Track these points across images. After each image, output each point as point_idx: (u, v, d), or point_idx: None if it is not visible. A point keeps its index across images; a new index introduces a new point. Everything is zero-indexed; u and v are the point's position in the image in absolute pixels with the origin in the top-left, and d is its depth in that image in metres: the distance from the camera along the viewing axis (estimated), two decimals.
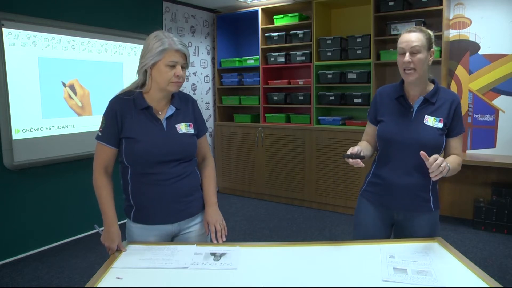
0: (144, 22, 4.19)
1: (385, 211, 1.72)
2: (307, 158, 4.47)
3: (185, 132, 1.60)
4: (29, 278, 2.89)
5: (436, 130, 1.61)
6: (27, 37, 3.17)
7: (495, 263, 3.04)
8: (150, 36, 1.52)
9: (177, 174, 1.57)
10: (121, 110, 1.53)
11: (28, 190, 3.27)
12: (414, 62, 1.56)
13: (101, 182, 1.54)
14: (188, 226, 1.64)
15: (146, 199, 1.56)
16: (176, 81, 1.51)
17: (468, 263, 1.38)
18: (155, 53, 1.47)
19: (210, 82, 5.25)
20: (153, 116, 1.55)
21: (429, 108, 1.63)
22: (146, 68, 1.51)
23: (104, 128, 1.53)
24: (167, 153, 1.54)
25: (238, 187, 5.08)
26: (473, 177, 3.96)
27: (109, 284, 1.29)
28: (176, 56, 1.49)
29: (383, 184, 1.70)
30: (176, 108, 1.60)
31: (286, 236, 3.70)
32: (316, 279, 1.30)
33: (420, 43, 1.56)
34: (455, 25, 3.99)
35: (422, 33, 1.58)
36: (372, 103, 1.80)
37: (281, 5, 4.55)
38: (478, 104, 3.97)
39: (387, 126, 1.68)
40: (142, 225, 1.59)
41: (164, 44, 1.47)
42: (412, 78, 1.58)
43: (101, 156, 1.55)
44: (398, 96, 1.68)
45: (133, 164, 1.54)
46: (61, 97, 3.44)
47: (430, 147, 1.59)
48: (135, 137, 1.52)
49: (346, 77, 4.28)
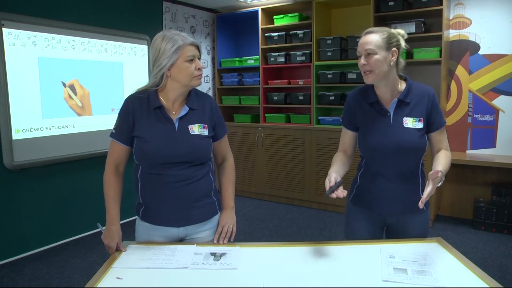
0: (144, 22, 4.19)
1: (376, 216, 1.69)
2: (307, 158, 4.47)
3: (198, 134, 1.53)
4: (29, 278, 2.89)
5: (417, 132, 1.57)
6: (27, 37, 3.17)
7: (495, 263, 3.04)
8: (156, 40, 1.48)
9: (186, 177, 1.52)
10: (134, 109, 1.51)
11: (28, 190, 3.27)
12: (370, 64, 1.53)
13: (110, 180, 1.55)
14: (196, 231, 1.59)
15: (153, 199, 1.55)
16: (198, 74, 1.50)
17: (468, 263, 1.38)
18: (170, 53, 1.44)
19: (210, 82, 5.25)
20: (164, 116, 1.52)
21: (405, 109, 1.59)
22: (164, 70, 1.47)
23: (118, 126, 1.53)
24: (174, 155, 1.49)
25: (238, 187, 5.08)
26: (473, 177, 3.96)
27: (109, 284, 1.29)
28: (192, 50, 1.48)
29: (372, 190, 1.67)
30: (191, 108, 1.55)
31: (286, 236, 3.70)
32: (316, 279, 1.29)
33: (374, 44, 1.52)
34: (455, 25, 3.99)
35: (379, 33, 1.54)
36: (345, 109, 1.73)
37: (281, 5, 4.55)
38: (478, 104, 3.97)
39: (367, 136, 1.63)
40: (149, 224, 1.58)
41: (177, 42, 1.45)
42: (371, 79, 1.55)
43: (113, 153, 1.55)
44: (372, 102, 1.63)
45: (142, 163, 1.54)
46: (61, 97, 3.44)
47: (413, 150, 1.57)
48: (144, 137, 1.50)
49: (346, 77, 4.28)
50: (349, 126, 1.73)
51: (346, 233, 1.81)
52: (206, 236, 1.61)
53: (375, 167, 1.65)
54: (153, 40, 1.51)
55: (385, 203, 1.65)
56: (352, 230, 1.77)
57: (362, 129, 1.67)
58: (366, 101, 1.65)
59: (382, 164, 1.63)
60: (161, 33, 1.50)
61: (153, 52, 1.48)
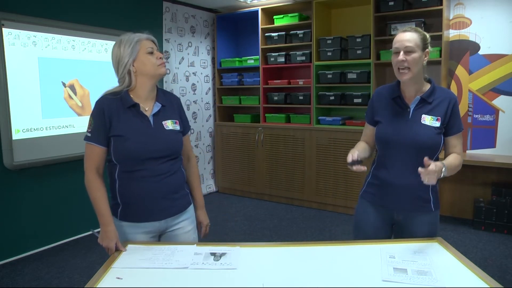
0: (144, 22, 4.19)
1: (385, 211, 1.72)
2: (307, 158, 4.47)
3: (172, 129, 1.63)
4: (29, 278, 2.89)
5: (433, 129, 1.60)
6: (27, 37, 3.16)
7: (495, 263, 3.04)
8: (113, 48, 1.59)
9: (164, 171, 1.59)
10: (109, 109, 1.55)
11: (28, 190, 3.27)
12: (408, 61, 1.56)
13: (94, 184, 1.55)
14: (175, 223, 1.67)
15: (133, 196, 1.58)
16: (161, 62, 1.59)
17: (468, 263, 1.38)
18: (130, 50, 1.54)
19: (210, 82, 5.25)
20: (140, 113, 1.58)
21: (426, 107, 1.63)
22: (129, 67, 1.55)
23: (93, 128, 1.55)
24: (155, 150, 1.56)
25: (238, 187, 5.08)
26: (473, 177, 3.96)
27: (109, 284, 1.29)
28: (149, 43, 1.58)
29: (383, 185, 1.70)
30: (162, 104, 1.63)
31: (286, 236, 3.70)
32: (316, 279, 1.29)
33: (414, 43, 1.56)
34: (455, 25, 3.99)
35: (416, 33, 1.59)
36: (369, 104, 1.80)
37: (281, 5, 4.55)
38: (478, 104, 3.97)
39: (384, 127, 1.68)
40: (129, 223, 1.60)
41: (133, 39, 1.56)
42: (407, 77, 1.58)
43: (92, 157, 1.56)
44: (395, 96, 1.68)
45: (122, 161, 1.56)
46: (61, 97, 3.44)
47: (428, 147, 1.59)
48: (124, 135, 1.54)
49: (346, 77, 4.28)
50: (371, 122, 1.77)
51: (354, 227, 1.83)
52: (184, 227, 1.70)
53: (388, 161, 1.68)
54: (111, 49, 1.60)
55: (394, 197, 1.67)
56: (360, 224, 1.79)
57: (381, 121, 1.71)
58: (390, 96, 1.70)
59: (394, 158, 1.66)
60: (117, 40, 1.60)
61: (114, 59, 1.59)
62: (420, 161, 1.42)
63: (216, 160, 5.26)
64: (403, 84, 1.67)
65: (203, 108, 5.14)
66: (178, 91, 4.73)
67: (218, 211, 4.41)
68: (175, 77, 4.67)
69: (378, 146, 1.74)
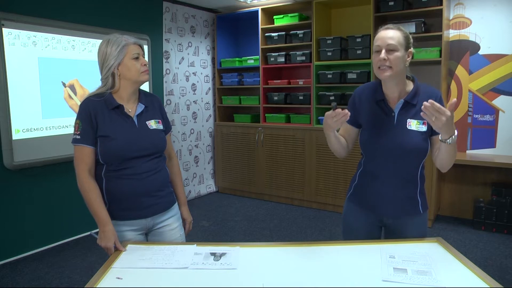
0: (144, 22, 4.19)
1: (374, 216, 1.68)
2: (307, 158, 4.47)
3: (155, 128, 1.69)
4: (29, 278, 2.89)
5: (420, 135, 1.54)
6: (27, 37, 3.17)
7: (495, 263, 3.04)
8: (101, 45, 1.61)
9: (149, 169, 1.64)
10: (94, 110, 1.58)
11: (28, 190, 3.27)
12: (390, 60, 1.47)
13: (89, 186, 1.56)
14: (161, 220, 1.71)
15: (120, 194, 1.60)
16: (145, 69, 1.63)
17: (468, 263, 1.38)
18: (116, 53, 1.57)
19: (210, 82, 5.24)
20: (124, 114, 1.63)
21: (411, 110, 1.56)
22: (113, 70, 1.59)
23: (82, 130, 1.57)
24: (141, 148, 1.61)
25: (238, 187, 5.08)
26: (473, 177, 3.96)
27: (109, 284, 1.29)
28: (136, 48, 1.62)
29: (370, 190, 1.66)
30: (145, 105, 1.69)
31: (286, 236, 3.70)
32: (316, 279, 1.29)
33: (397, 41, 1.48)
34: (455, 25, 3.99)
35: (399, 31, 1.51)
36: (350, 104, 1.71)
37: (281, 5, 4.55)
38: (478, 104, 3.97)
39: (369, 134, 1.62)
40: (116, 221, 1.61)
41: (121, 42, 1.59)
42: (387, 74, 1.49)
43: (83, 159, 1.57)
44: (378, 100, 1.60)
45: (109, 161, 1.59)
46: (61, 97, 3.44)
47: (414, 153, 1.55)
48: (110, 135, 1.57)
49: (346, 77, 4.27)
50: (351, 121, 1.69)
51: (344, 231, 1.80)
52: (170, 224, 1.74)
53: (374, 167, 1.65)
54: (98, 47, 1.62)
55: (382, 204, 1.64)
56: (350, 228, 1.76)
57: (365, 127, 1.66)
58: (374, 99, 1.63)
59: (381, 164, 1.62)
60: (105, 39, 1.62)
61: (100, 57, 1.61)
62: (407, 166, 1.40)
63: (216, 160, 5.26)
64: (385, 85, 1.59)
65: (203, 108, 5.14)
66: (178, 91, 4.73)
67: (218, 211, 4.41)
68: (175, 77, 4.66)
69: (363, 152, 1.69)
